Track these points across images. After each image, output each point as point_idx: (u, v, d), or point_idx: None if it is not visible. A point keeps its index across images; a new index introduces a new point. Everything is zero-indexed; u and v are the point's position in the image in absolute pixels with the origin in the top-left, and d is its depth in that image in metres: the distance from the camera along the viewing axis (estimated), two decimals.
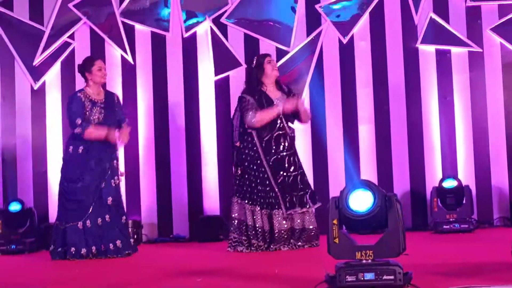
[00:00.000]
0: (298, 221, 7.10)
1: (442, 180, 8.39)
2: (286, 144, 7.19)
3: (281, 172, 7.11)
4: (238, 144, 7.23)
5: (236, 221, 7.12)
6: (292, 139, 7.27)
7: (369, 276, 4.12)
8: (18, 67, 8.92)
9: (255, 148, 7.14)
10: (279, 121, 7.18)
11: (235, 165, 7.24)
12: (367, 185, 4.20)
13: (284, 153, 7.17)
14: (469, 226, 8.04)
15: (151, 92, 8.88)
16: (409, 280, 4.15)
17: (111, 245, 6.91)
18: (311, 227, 7.13)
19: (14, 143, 8.87)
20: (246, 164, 7.13)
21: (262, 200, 7.07)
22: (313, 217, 7.18)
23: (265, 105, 7.15)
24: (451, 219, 8.11)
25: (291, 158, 7.19)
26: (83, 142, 6.97)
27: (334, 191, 8.35)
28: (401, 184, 8.67)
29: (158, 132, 8.85)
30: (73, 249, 6.87)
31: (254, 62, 7.32)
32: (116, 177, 7.09)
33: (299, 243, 7.08)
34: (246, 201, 7.09)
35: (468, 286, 4.15)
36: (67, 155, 7.08)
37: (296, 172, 7.19)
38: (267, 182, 7.08)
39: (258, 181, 7.08)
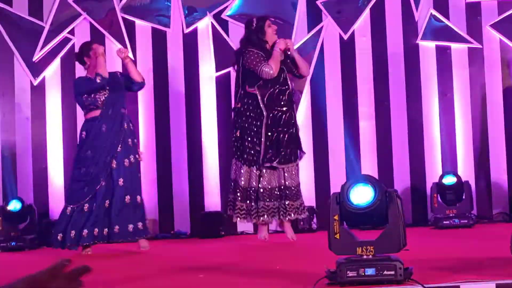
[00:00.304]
0: (286, 175, 7.13)
1: (442, 176, 8.40)
2: (286, 99, 7.22)
3: (277, 129, 7.16)
4: (239, 105, 7.21)
5: (232, 183, 7.17)
6: (291, 95, 7.30)
7: (370, 271, 4.14)
8: (18, 63, 8.91)
9: (257, 110, 7.14)
10: (282, 74, 7.20)
11: (235, 127, 7.26)
12: (368, 179, 4.21)
13: (284, 109, 7.19)
14: (468, 222, 8.05)
15: (152, 88, 8.87)
16: (410, 275, 4.17)
17: (116, 228, 6.87)
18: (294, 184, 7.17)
19: (13, 139, 8.86)
20: (246, 125, 7.14)
21: (257, 160, 7.11)
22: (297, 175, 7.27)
23: None
24: (451, 215, 8.12)
25: (288, 114, 7.22)
26: (94, 122, 7.06)
27: (335, 186, 8.35)
28: (401, 179, 8.68)
29: (159, 128, 8.85)
30: (73, 232, 6.84)
31: (254, 24, 7.35)
32: (131, 157, 7.07)
33: (286, 202, 7.11)
34: (243, 162, 7.12)
35: (468, 281, 4.16)
36: (80, 140, 7.20)
37: (292, 130, 7.21)
38: (262, 140, 7.12)
39: (257, 141, 7.10)
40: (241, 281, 4.89)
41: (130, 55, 7.15)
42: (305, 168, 8.64)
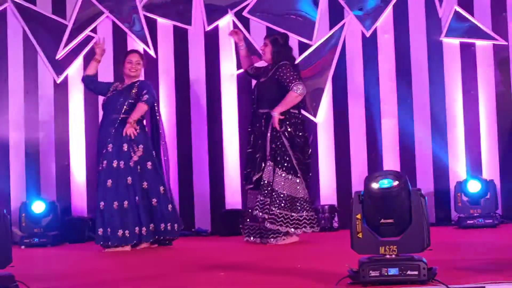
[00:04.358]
0: None
1: (466, 175, 8.35)
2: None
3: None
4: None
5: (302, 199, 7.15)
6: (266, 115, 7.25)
7: (393, 271, 4.10)
8: (41, 61, 8.94)
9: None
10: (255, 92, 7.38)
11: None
12: (391, 173, 4.18)
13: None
14: (493, 221, 7.99)
15: (173, 86, 8.87)
16: (433, 276, 4.13)
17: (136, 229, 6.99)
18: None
19: (37, 136, 8.89)
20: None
21: None
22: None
23: None
24: (475, 214, 8.06)
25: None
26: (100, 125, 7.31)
27: (356, 185, 8.31)
28: (424, 178, 8.61)
29: (180, 126, 8.84)
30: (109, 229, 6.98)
31: (286, 40, 7.39)
32: (149, 163, 7.10)
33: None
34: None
35: (492, 282, 4.11)
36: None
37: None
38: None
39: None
40: (262, 279, 4.87)
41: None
42: (326, 167, 8.61)
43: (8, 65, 8.94)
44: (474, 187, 8.19)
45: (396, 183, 4.09)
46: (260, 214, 6.96)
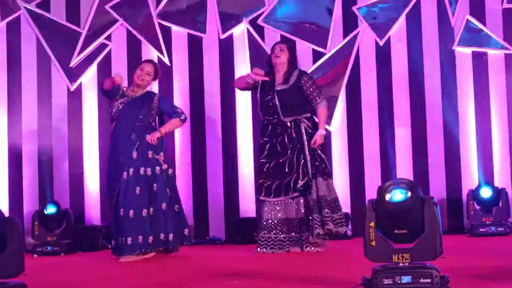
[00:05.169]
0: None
1: (478, 183, 8.36)
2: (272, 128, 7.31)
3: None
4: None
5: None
6: (280, 124, 7.28)
7: (406, 279, 4.11)
8: (55, 69, 8.98)
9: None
10: (270, 103, 7.32)
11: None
12: (405, 182, 4.19)
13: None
14: (505, 229, 8.00)
15: (188, 94, 8.91)
16: (446, 284, 4.13)
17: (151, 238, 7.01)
18: None
19: (50, 144, 8.93)
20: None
21: None
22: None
23: None
24: (487, 222, 8.07)
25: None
26: (112, 134, 7.25)
27: (370, 193, 8.32)
28: (437, 186, 8.62)
29: (194, 134, 8.87)
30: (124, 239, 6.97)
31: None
32: (158, 168, 7.12)
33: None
34: None
35: None
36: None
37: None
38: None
39: None
40: (275, 287, 4.88)
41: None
42: (340, 175, 8.62)
43: (22, 72, 8.99)
44: (486, 195, 8.20)
45: (409, 194, 4.10)
46: (322, 231, 6.99)
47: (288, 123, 7.14)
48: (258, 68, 7.28)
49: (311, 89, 7.17)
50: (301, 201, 7.08)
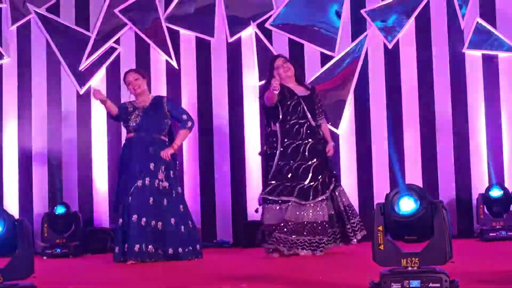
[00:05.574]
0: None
1: (488, 187, 8.31)
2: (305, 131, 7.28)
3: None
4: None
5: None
6: (311, 128, 7.29)
7: (415, 283, 4.08)
8: (64, 72, 9.01)
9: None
10: (299, 108, 7.27)
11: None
12: (413, 189, 4.16)
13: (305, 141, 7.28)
14: None
15: (196, 97, 8.91)
16: None
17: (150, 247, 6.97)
18: None
19: (60, 147, 8.95)
20: None
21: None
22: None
23: None
24: (497, 227, 8.02)
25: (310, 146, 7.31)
26: (126, 142, 7.21)
27: (378, 197, 8.29)
28: (446, 190, 8.60)
29: (202, 137, 8.87)
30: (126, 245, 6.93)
31: None
32: (167, 184, 7.10)
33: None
34: None
35: None
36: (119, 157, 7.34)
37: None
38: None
39: None
40: None
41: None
42: (348, 178, 8.60)
43: (32, 75, 9.01)
44: (496, 199, 8.15)
45: (418, 203, 4.07)
46: (355, 239, 7.12)
47: (316, 128, 7.19)
48: (274, 79, 7.25)
49: (319, 104, 7.28)
50: (324, 205, 7.07)
